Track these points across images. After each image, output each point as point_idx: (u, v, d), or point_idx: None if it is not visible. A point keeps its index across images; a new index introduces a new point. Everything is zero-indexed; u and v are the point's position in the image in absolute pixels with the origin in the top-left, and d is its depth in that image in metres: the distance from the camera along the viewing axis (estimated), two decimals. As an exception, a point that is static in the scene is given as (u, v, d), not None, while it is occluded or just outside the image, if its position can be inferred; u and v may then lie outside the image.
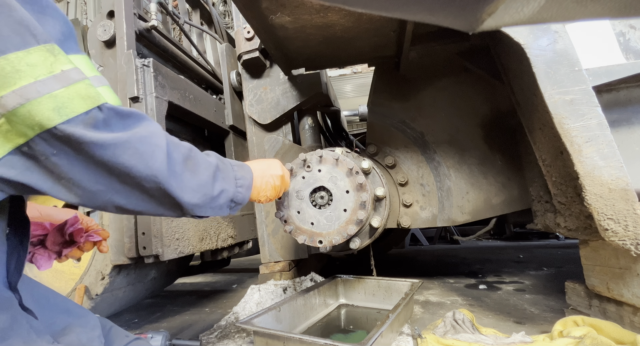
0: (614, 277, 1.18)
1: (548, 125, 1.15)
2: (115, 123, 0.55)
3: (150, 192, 0.60)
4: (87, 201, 0.56)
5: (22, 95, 0.46)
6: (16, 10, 0.47)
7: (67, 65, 0.51)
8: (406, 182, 1.81)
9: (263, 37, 1.43)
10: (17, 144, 0.48)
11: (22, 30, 0.47)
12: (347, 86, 4.75)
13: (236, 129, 2.26)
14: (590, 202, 1.03)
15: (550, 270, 2.48)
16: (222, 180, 0.78)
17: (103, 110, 0.54)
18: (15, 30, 0.46)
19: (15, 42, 0.46)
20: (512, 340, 1.14)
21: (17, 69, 0.46)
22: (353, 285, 1.70)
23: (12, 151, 0.49)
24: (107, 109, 0.54)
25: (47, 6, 0.56)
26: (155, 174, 0.59)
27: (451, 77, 1.78)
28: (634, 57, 1.12)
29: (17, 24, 0.46)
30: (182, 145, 0.70)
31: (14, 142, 0.48)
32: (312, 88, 1.91)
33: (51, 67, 0.49)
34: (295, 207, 1.50)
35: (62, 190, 0.54)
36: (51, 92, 0.48)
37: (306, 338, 0.99)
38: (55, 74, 0.49)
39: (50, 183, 0.52)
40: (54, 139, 0.49)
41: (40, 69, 0.48)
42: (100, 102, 0.54)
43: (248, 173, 0.92)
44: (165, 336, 1.20)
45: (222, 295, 2.38)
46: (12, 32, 0.46)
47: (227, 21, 3.45)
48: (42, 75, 0.48)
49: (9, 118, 0.46)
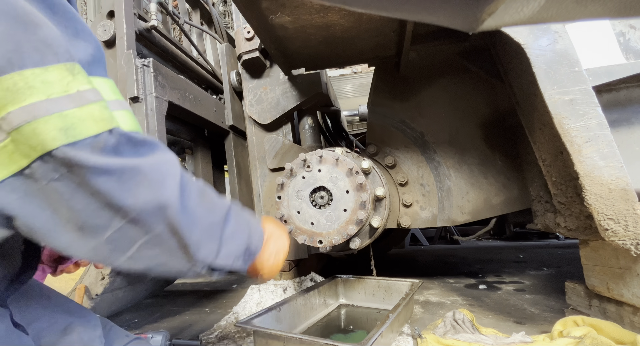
0: (614, 277, 1.18)
1: (548, 125, 1.15)
2: (126, 150, 0.51)
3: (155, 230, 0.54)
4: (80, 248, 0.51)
5: (30, 112, 0.44)
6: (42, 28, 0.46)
7: (85, 86, 0.49)
8: (406, 182, 1.81)
9: (263, 37, 1.43)
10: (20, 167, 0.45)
11: (44, 47, 0.46)
12: (347, 86, 4.75)
13: (236, 129, 2.26)
14: (590, 202, 1.03)
15: (550, 270, 2.48)
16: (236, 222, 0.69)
17: (114, 134, 0.50)
18: (37, 48, 0.45)
19: (34, 59, 0.45)
20: (512, 340, 1.14)
21: (30, 85, 0.44)
22: (353, 285, 1.71)
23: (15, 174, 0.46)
24: (118, 134, 0.51)
25: (82, 30, 0.54)
26: (165, 204, 0.53)
27: (451, 77, 1.78)
28: (634, 57, 1.12)
29: (40, 41, 0.45)
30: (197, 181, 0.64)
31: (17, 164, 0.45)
32: (312, 89, 1.91)
33: (67, 86, 0.47)
34: (295, 207, 1.50)
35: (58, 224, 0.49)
36: (61, 111, 0.45)
37: (306, 338, 0.99)
38: (70, 93, 0.47)
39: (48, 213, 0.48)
40: (56, 162, 0.45)
41: (55, 87, 0.46)
42: (113, 126, 0.50)
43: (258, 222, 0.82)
44: (165, 336, 1.20)
45: (222, 295, 2.38)
46: (32, 49, 0.45)
47: (227, 21, 3.44)
48: (56, 94, 0.46)
49: (14, 137, 0.44)
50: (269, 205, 1.96)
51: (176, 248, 0.57)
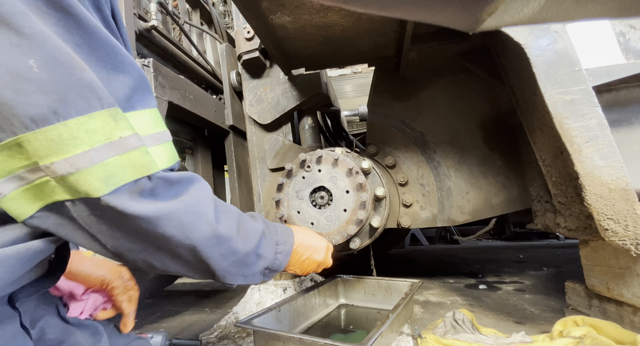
0: (614, 277, 1.18)
1: (548, 125, 1.15)
2: (162, 192, 0.54)
3: (185, 258, 0.60)
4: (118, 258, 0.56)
5: (73, 164, 0.44)
6: (87, 72, 0.46)
7: (127, 132, 0.50)
8: (406, 182, 1.81)
9: (263, 37, 1.43)
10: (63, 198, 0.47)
11: (90, 93, 0.45)
12: (347, 86, 4.75)
13: (236, 129, 2.26)
14: (590, 202, 1.03)
15: (550, 270, 2.48)
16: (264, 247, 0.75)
17: (152, 179, 0.52)
18: (82, 94, 0.44)
19: (80, 107, 0.44)
20: (512, 340, 1.14)
21: (74, 135, 0.44)
22: (353, 285, 1.70)
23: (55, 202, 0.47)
24: (156, 178, 0.53)
25: (122, 62, 0.53)
26: (193, 245, 0.58)
27: (451, 77, 1.78)
28: (634, 57, 1.12)
29: (86, 87, 0.45)
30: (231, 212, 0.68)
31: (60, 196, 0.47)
32: (312, 88, 1.91)
33: (110, 133, 0.47)
34: (295, 207, 1.50)
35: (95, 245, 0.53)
36: (104, 161, 0.46)
37: (306, 338, 0.99)
38: (113, 140, 0.47)
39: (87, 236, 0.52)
40: (96, 207, 0.47)
41: (98, 135, 0.46)
42: (152, 171, 0.52)
43: (290, 237, 0.88)
44: (165, 336, 1.20)
45: (222, 295, 2.38)
46: (77, 96, 0.44)
47: (227, 21, 3.44)
48: (99, 143, 0.46)
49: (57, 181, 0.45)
50: (269, 205, 1.96)
51: (203, 271, 0.63)
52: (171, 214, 0.54)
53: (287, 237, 0.87)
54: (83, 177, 0.45)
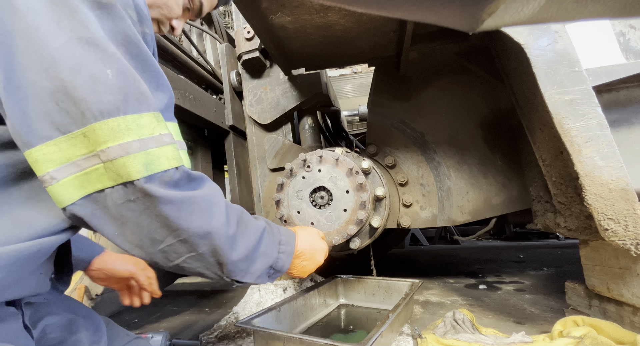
0: (614, 277, 1.18)
1: (548, 125, 1.15)
2: (183, 184, 0.63)
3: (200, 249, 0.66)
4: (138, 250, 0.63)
5: (125, 149, 0.56)
6: (143, 84, 0.60)
7: (165, 131, 0.62)
8: (406, 182, 1.81)
9: (263, 37, 1.43)
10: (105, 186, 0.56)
11: (143, 99, 0.59)
12: (347, 86, 4.75)
13: (236, 129, 2.26)
14: (590, 202, 1.03)
15: (550, 270, 2.48)
16: (267, 244, 0.81)
17: (179, 171, 0.62)
18: (138, 98, 0.58)
19: (135, 107, 0.57)
20: (512, 340, 1.14)
21: (129, 127, 0.56)
22: (353, 285, 1.70)
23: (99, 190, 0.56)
24: (182, 171, 0.63)
25: (162, 84, 0.67)
26: (211, 231, 0.65)
27: (451, 77, 1.78)
28: (634, 57, 1.12)
29: (141, 94, 0.59)
30: (235, 207, 0.76)
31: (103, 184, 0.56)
32: (312, 88, 1.91)
33: (153, 130, 0.59)
34: (295, 207, 1.50)
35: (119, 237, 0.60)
36: (147, 150, 0.58)
37: (306, 338, 0.99)
38: (154, 135, 0.59)
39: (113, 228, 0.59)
40: (133, 189, 0.57)
41: (145, 129, 0.58)
42: (180, 164, 0.63)
43: (292, 238, 0.92)
44: (165, 336, 1.20)
45: (222, 295, 2.38)
46: (134, 100, 0.57)
47: (227, 21, 3.44)
48: (145, 135, 0.58)
49: (107, 166, 0.55)
50: (269, 205, 1.96)
51: (214, 264, 0.70)
52: (192, 199, 0.63)
53: (289, 238, 0.91)
54: (130, 160, 0.56)
